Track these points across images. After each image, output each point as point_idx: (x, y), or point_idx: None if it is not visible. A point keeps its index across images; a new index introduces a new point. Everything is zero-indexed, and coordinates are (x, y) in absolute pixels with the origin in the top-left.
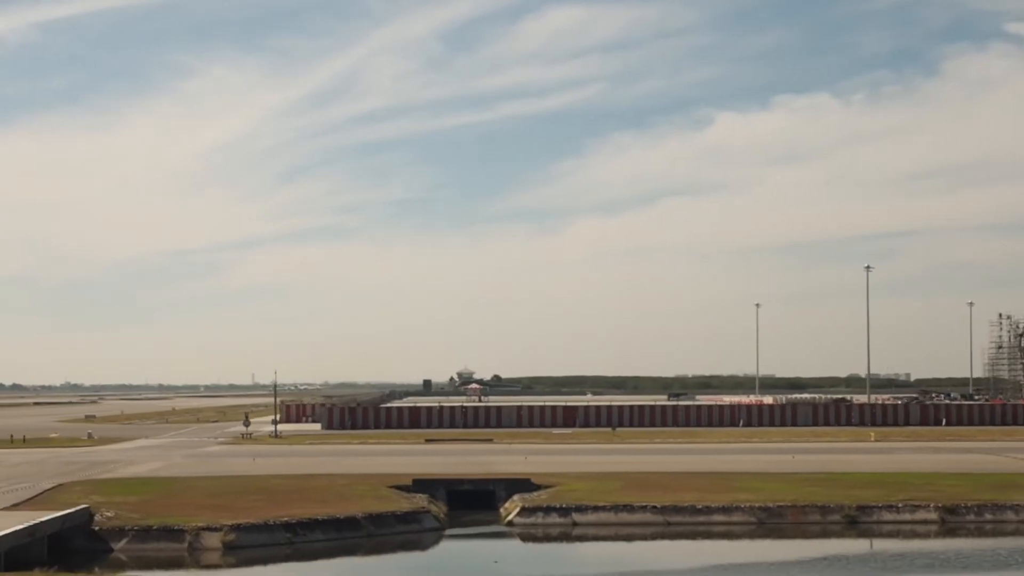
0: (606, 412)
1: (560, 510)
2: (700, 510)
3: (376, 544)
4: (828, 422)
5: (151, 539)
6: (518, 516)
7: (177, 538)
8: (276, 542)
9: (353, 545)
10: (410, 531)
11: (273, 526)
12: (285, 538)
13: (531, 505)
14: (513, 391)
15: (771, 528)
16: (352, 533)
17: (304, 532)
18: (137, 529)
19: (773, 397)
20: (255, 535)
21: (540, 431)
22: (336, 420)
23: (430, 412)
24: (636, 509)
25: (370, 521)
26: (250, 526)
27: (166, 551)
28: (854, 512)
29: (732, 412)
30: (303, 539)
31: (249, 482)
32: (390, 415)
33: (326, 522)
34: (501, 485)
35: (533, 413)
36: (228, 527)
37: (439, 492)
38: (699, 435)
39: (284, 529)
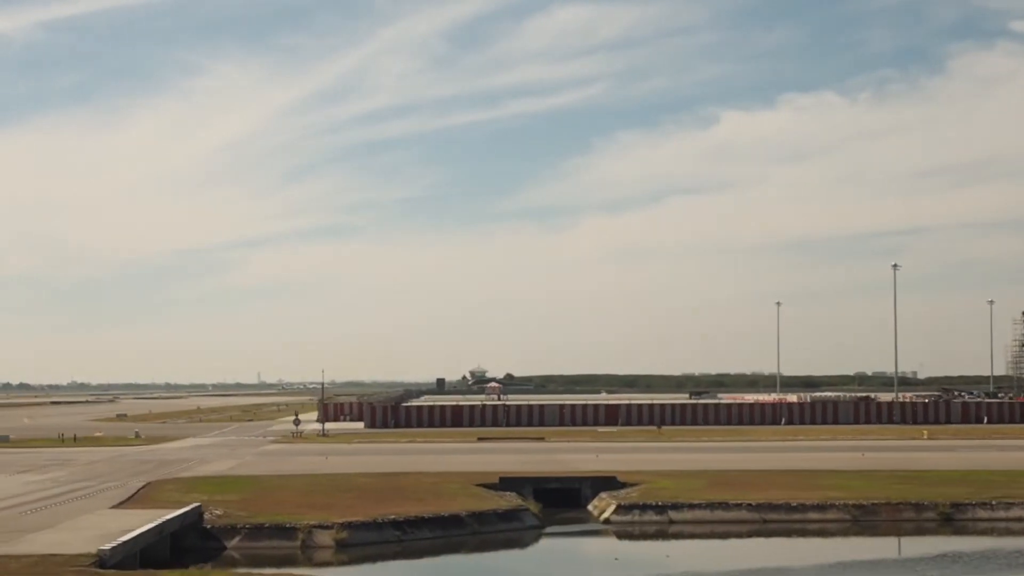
0: (647, 410)
1: (656, 508)
2: (795, 508)
3: (480, 542)
4: (869, 420)
5: (263, 537)
6: (614, 514)
7: (290, 536)
8: (386, 540)
9: (458, 543)
10: (511, 529)
11: (382, 524)
12: (394, 536)
13: (627, 503)
14: (526, 390)
15: (866, 526)
16: (457, 531)
17: (412, 530)
18: (249, 527)
19: (797, 395)
20: (366, 533)
21: (584, 429)
22: (379, 419)
23: (472, 410)
24: (732, 507)
25: (474, 519)
26: (360, 524)
27: (279, 549)
28: (948, 510)
29: (774, 410)
30: (411, 537)
31: (337, 480)
32: (432, 413)
33: (432, 520)
34: (587, 483)
35: (576, 411)
36: (339, 525)
37: (526, 490)
38: (745, 433)
39: (393, 527)
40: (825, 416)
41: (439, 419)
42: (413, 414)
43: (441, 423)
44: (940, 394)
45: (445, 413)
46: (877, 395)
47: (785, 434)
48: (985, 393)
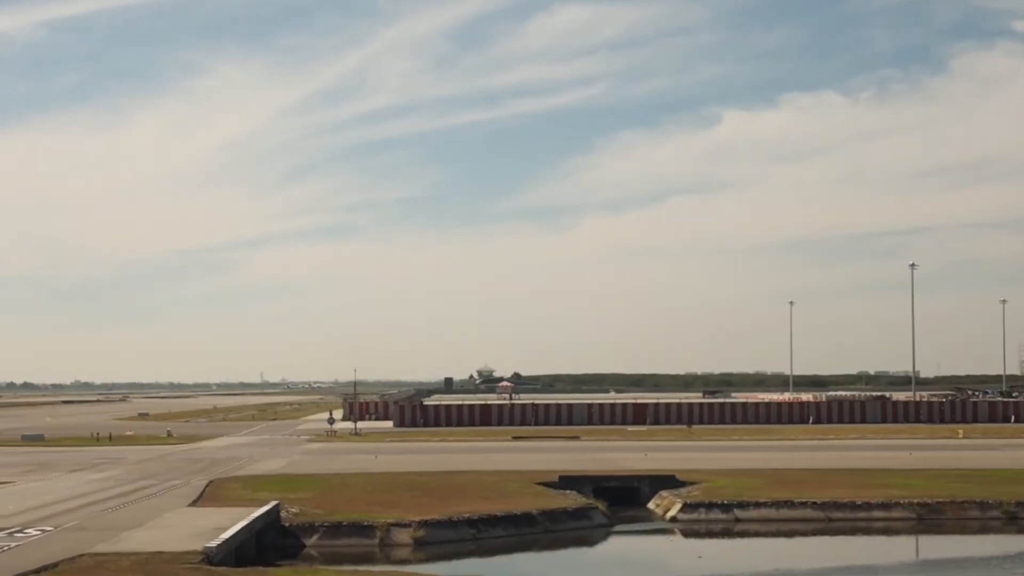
0: (675, 410)
1: (722, 506)
2: (860, 506)
3: (552, 540)
4: (896, 419)
5: (342, 535)
6: (681, 512)
7: (368, 534)
8: (462, 538)
9: (530, 541)
10: (581, 527)
11: (457, 522)
12: (470, 534)
13: (693, 501)
14: (534, 389)
15: (931, 524)
16: (530, 529)
17: (486, 528)
18: (328, 525)
19: (812, 395)
20: (442, 531)
21: (613, 428)
22: (408, 418)
23: (500, 410)
24: (797, 505)
25: (545, 517)
26: (437, 522)
27: (357, 547)
28: (1013, 508)
29: (802, 409)
30: (486, 535)
31: (397, 478)
32: (460, 413)
33: (505, 518)
34: (646, 481)
35: (604, 411)
36: (417, 523)
37: (586, 488)
38: (776, 432)
39: (468, 525)
40: (852, 415)
41: (467, 418)
42: (442, 413)
43: (470, 422)
44: (955, 393)
45: (473, 412)
46: (892, 394)
47: (816, 433)
48: (1000, 392)
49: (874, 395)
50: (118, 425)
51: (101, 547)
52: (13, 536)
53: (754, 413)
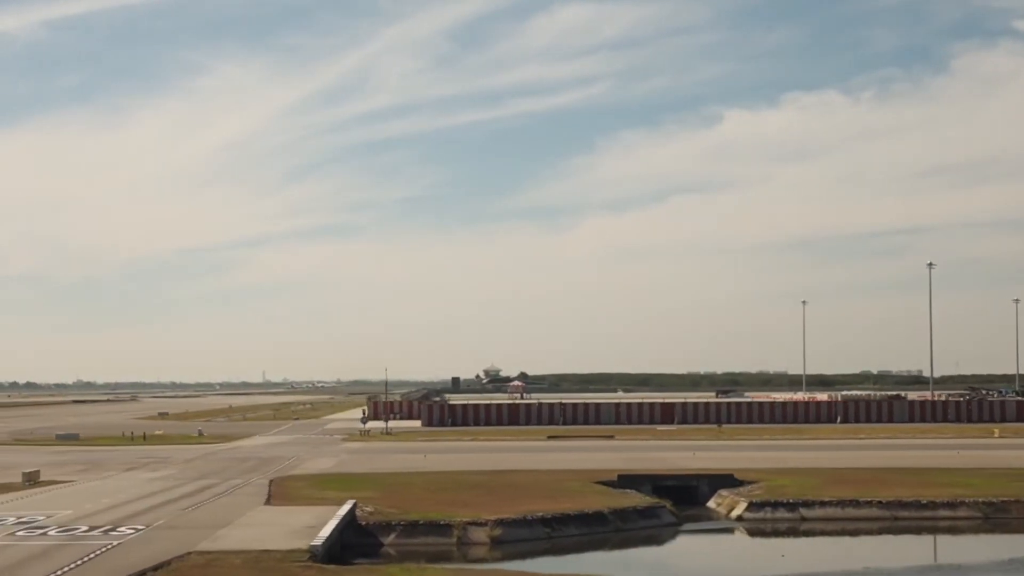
0: (703, 409)
1: (787, 505)
2: (925, 505)
3: (623, 539)
4: (924, 418)
5: (419, 534)
6: (747, 511)
7: (445, 533)
8: (536, 536)
9: (602, 539)
10: (651, 526)
11: (532, 521)
12: (544, 533)
13: (758, 500)
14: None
15: (998, 523)
16: (601, 528)
17: (560, 527)
18: (404, 524)
19: (828, 394)
20: (518, 530)
21: (643, 427)
22: (436, 417)
23: (528, 409)
24: (862, 504)
25: (616, 516)
26: (512, 521)
27: (434, 545)
28: None
29: (829, 409)
30: (560, 534)
31: (455, 477)
32: (489, 412)
33: (578, 517)
34: (704, 480)
35: (631, 410)
36: (493, 522)
37: (644, 487)
38: (806, 431)
39: (542, 524)
40: (879, 415)
41: (495, 418)
42: (470, 413)
43: (498, 421)
44: (970, 393)
45: (501, 412)
46: (907, 393)
47: (847, 432)
48: (1014, 391)
49: (889, 394)
50: (143, 425)
51: (204, 545)
52: (108, 535)
53: (780, 412)
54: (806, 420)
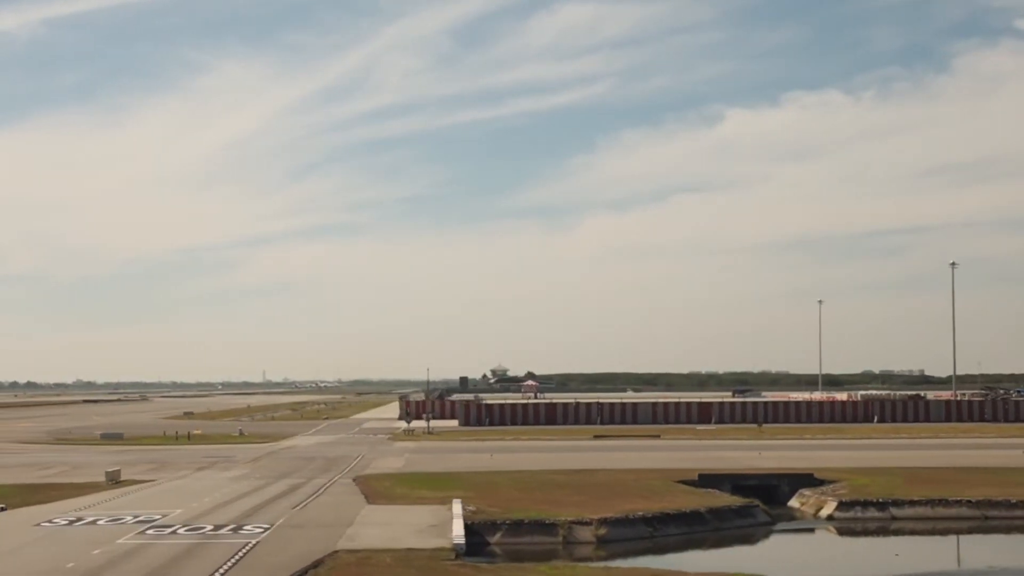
0: (740, 409)
1: (877, 504)
2: (1015, 504)
3: (722, 537)
4: (961, 417)
5: (524, 533)
6: (837, 511)
7: (551, 532)
8: (639, 536)
9: (701, 538)
10: (747, 525)
11: (634, 520)
12: (647, 532)
13: (848, 500)
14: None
15: None
16: (700, 527)
17: (661, 525)
18: (510, 523)
19: (847, 394)
20: (621, 529)
21: (683, 427)
22: (473, 416)
23: (566, 408)
24: (951, 503)
25: (713, 515)
26: (616, 520)
27: (540, 544)
28: None
29: (866, 408)
30: (661, 533)
31: (537, 477)
32: (526, 412)
33: (677, 516)
34: (785, 480)
35: (668, 409)
36: (598, 521)
37: (724, 486)
38: (846, 431)
39: (644, 523)
40: (916, 414)
41: (532, 417)
42: (507, 412)
43: (535, 421)
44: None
45: (539, 411)
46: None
47: (890, 431)
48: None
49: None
50: (175, 424)
51: (345, 544)
52: (238, 533)
53: (817, 412)
54: (843, 419)
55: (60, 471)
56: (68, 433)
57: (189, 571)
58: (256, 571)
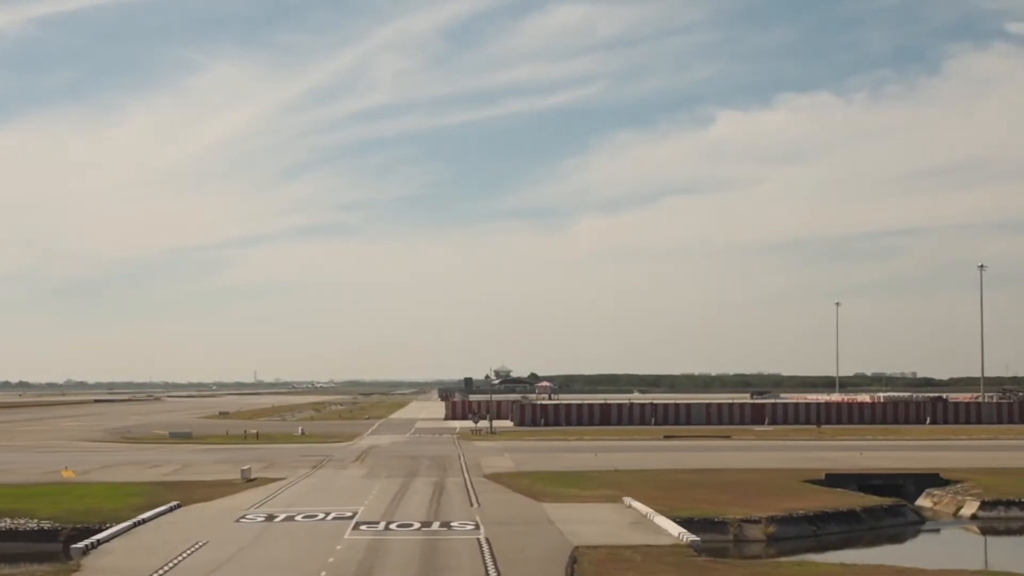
0: (792, 410)
1: (1021, 504)
2: None
3: (878, 536)
4: (1012, 419)
5: (695, 530)
6: (980, 510)
7: (721, 530)
8: (804, 534)
9: (858, 536)
10: (898, 524)
11: (798, 518)
12: (810, 530)
13: (990, 499)
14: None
15: None
16: (857, 525)
17: (823, 524)
18: (680, 520)
19: (870, 396)
20: (788, 527)
21: (740, 428)
22: (528, 417)
23: (620, 409)
24: None
25: (868, 514)
26: (782, 518)
27: (711, 542)
28: None
29: (918, 409)
30: (824, 531)
31: (668, 476)
32: (580, 412)
33: (835, 515)
34: (911, 480)
35: (721, 410)
36: (766, 519)
37: (851, 485)
38: (903, 432)
39: (807, 521)
40: (968, 416)
41: (587, 418)
42: (561, 412)
43: (590, 421)
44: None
45: (593, 411)
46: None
47: (948, 432)
48: None
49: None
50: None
51: (575, 541)
52: (453, 530)
53: (869, 413)
54: (894, 421)
55: (173, 470)
56: (127, 432)
57: (462, 567)
58: (525, 565)
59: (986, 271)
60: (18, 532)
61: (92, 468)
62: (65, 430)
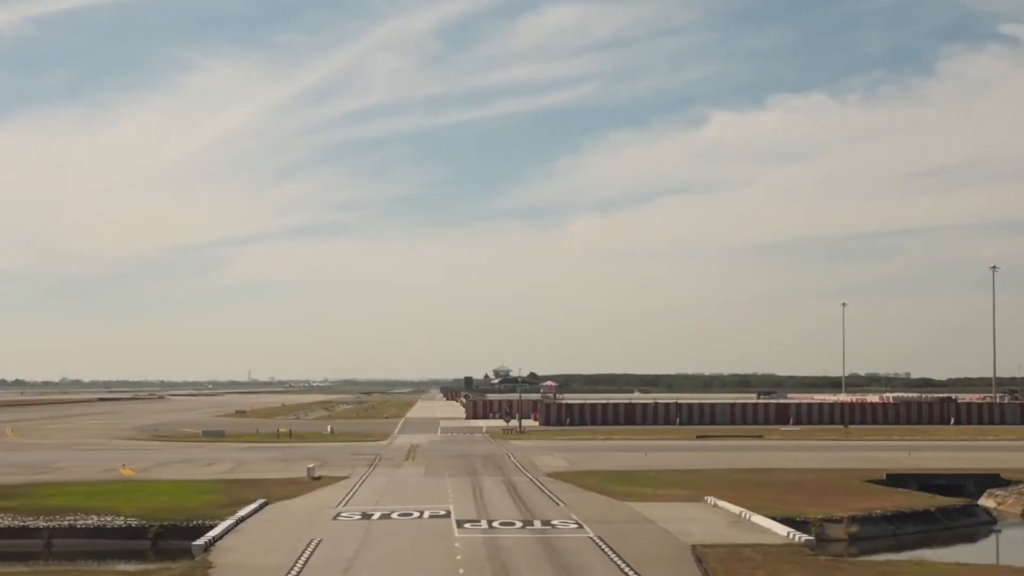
0: (816, 410)
1: None
2: None
3: (954, 536)
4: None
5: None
6: None
7: (803, 529)
8: (884, 534)
9: (934, 536)
10: (971, 524)
11: (877, 518)
12: (889, 530)
13: None
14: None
15: None
16: (934, 525)
17: (901, 524)
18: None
19: (879, 396)
20: (868, 527)
21: (767, 428)
22: (553, 416)
23: (644, 409)
24: None
25: (942, 514)
26: (862, 518)
27: None
28: None
29: (942, 409)
30: (903, 531)
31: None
32: (606, 411)
33: (912, 515)
34: (971, 480)
35: (746, 410)
36: (848, 519)
37: (912, 485)
38: (930, 432)
39: (886, 521)
40: (992, 416)
41: (612, 417)
42: (587, 411)
43: (614, 421)
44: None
45: (618, 411)
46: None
47: (976, 433)
48: None
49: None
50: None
51: (687, 540)
52: (557, 529)
53: (894, 413)
54: (919, 421)
55: (229, 468)
56: (156, 430)
57: (594, 566)
58: (657, 565)
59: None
60: (105, 529)
61: (148, 466)
62: (90, 428)
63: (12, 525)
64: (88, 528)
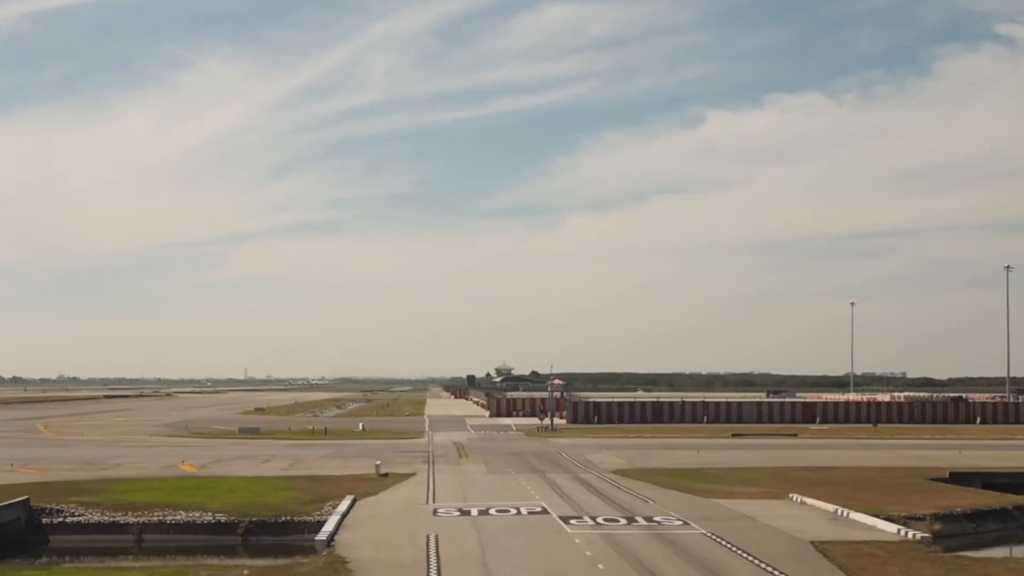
0: (843, 409)
1: None
2: None
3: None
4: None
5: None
6: None
7: None
8: (965, 531)
9: (1011, 534)
10: None
11: (958, 516)
12: (970, 528)
13: None
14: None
15: None
16: (1011, 523)
17: (981, 521)
18: None
19: (890, 395)
20: (950, 524)
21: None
22: (581, 414)
23: (672, 407)
24: None
25: (1020, 512)
26: (944, 516)
27: None
28: None
29: (966, 408)
30: (982, 528)
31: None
32: (633, 409)
33: (989, 513)
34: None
35: (772, 409)
36: (931, 516)
37: (975, 483)
38: (959, 432)
39: (967, 519)
40: (1019, 416)
41: (639, 415)
42: (614, 410)
43: (642, 419)
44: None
45: (646, 409)
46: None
47: (1004, 432)
48: None
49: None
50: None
51: (803, 536)
52: (662, 526)
53: (920, 412)
54: (944, 420)
55: (288, 464)
56: (188, 427)
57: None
58: (790, 560)
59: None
60: (195, 524)
61: (206, 463)
62: (120, 425)
63: (103, 520)
64: (178, 524)
